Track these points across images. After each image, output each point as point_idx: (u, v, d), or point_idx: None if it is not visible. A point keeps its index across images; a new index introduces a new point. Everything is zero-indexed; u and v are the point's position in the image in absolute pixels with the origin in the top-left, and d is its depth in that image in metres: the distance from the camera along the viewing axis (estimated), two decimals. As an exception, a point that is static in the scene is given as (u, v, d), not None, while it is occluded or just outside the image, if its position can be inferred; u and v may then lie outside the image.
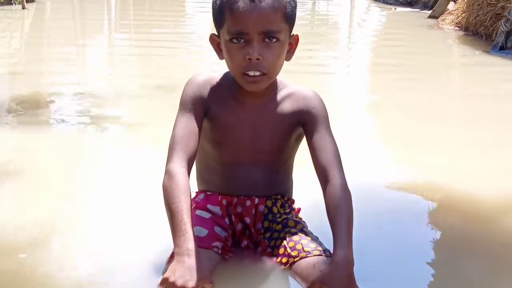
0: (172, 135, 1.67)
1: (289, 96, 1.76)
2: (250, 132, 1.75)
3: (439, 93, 4.58)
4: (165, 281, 1.42)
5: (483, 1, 7.19)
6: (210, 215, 1.79)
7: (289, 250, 1.70)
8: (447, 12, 9.19)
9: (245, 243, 1.81)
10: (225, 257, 1.73)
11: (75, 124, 3.45)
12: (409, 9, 11.03)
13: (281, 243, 1.74)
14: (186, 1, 12.05)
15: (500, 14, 6.78)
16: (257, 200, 1.80)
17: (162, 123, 2.78)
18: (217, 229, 1.75)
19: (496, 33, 6.55)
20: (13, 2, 9.47)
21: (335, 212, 1.58)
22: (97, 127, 3.38)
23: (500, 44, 6.35)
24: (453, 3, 9.45)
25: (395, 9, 11.17)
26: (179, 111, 1.72)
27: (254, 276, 1.72)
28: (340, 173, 1.65)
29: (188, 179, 1.59)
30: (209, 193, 1.84)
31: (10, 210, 2.19)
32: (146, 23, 8.86)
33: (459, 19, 8.17)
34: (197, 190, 1.90)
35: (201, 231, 1.69)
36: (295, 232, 1.75)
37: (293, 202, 1.91)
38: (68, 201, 2.27)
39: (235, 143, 1.76)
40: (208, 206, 1.81)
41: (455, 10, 8.74)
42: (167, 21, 9.14)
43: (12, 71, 5.14)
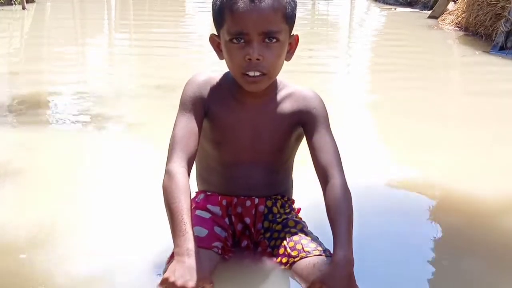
0: (172, 135, 1.67)
1: (289, 96, 1.76)
2: (250, 132, 1.75)
3: (439, 93, 4.58)
4: (165, 281, 1.42)
5: (483, 1, 7.18)
6: (210, 215, 1.79)
7: (289, 250, 1.70)
8: (447, 12, 9.18)
9: (245, 243, 1.81)
10: (225, 257, 1.73)
11: (75, 124, 3.45)
12: (409, 9, 11.01)
13: (281, 243, 1.74)
14: (186, 1, 12.05)
15: (500, 14, 6.78)
16: (257, 200, 1.80)
17: (162, 123, 2.78)
18: (217, 229, 1.75)
19: (496, 33, 6.55)
20: (13, 2, 9.47)
21: (335, 212, 1.58)
22: (97, 127, 3.38)
23: (500, 44, 6.34)
24: (453, 3, 9.43)
25: (395, 9, 11.16)
26: (179, 111, 1.72)
27: (254, 276, 1.72)
28: (340, 173, 1.65)
29: (188, 179, 1.59)
30: (209, 193, 1.84)
31: (10, 210, 2.19)
32: (146, 23, 8.86)
33: (459, 19, 8.17)
34: (197, 190, 1.90)
35: (201, 231, 1.69)
36: (295, 232, 1.75)
37: (293, 202, 1.91)
38: (68, 201, 2.27)
39: (235, 143, 1.76)
40: (208, 206, 1.81)
41: (455, 10, 8.73)
42: (167, 21, 9.14)
43: (12, 71, 5.15)
